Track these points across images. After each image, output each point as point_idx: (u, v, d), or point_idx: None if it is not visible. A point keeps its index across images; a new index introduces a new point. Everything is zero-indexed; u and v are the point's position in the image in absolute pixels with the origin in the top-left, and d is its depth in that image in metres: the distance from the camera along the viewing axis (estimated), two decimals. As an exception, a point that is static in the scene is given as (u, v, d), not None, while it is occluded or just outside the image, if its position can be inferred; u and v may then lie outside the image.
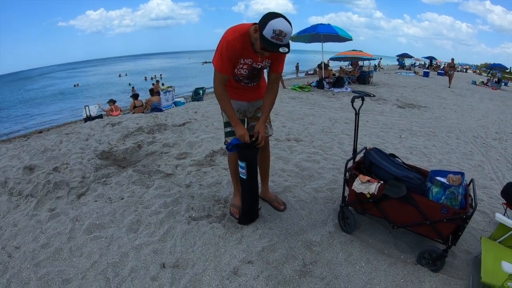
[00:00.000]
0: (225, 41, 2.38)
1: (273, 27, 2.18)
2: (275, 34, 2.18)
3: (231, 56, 2.42)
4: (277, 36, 2.19)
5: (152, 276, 2.34)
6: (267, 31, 2.19)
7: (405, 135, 6.59)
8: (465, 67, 47.56)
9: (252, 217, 2.96)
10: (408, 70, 31.29)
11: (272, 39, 2.20)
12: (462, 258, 2.61)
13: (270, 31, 2.18)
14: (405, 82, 18.99)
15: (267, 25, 2.19)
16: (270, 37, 2.20)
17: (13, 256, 2.59)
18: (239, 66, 2.53)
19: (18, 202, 3.43)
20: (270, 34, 2.19)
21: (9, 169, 4.14)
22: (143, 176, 3.95)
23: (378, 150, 2.87)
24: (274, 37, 2.19)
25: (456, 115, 9.57)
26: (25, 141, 6.39)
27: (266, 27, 2.19)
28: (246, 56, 2.48)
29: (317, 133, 6.15)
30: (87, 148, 4.98)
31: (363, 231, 2.88)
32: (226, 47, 2.38)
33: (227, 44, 2.37)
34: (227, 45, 2.37)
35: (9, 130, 17.52)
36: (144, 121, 6.71)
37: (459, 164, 5.03)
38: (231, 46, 2.38)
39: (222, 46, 2.39)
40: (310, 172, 4.10)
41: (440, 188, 2.33)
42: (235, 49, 2.39)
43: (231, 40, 2.37)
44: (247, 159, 2.66)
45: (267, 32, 2.19)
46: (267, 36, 2.20)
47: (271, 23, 2.18)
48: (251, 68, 2.57)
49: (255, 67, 2.57)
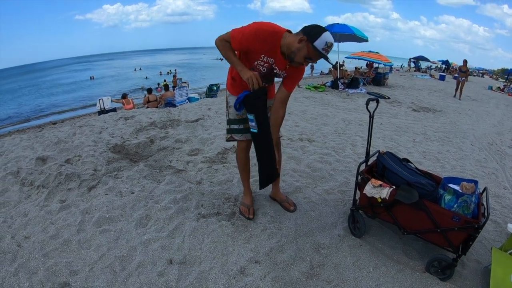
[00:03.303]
0: (258, 26, 2.37)
1: (325, 39, 2.28)
2: (326, 46, 2.29)
3: (252, 42, 2.38)
4: (328, 48, 2.31)
5: (159, 271, 2.35)
6: (319, 42, 2.27)
7: (419, 139, 6.51)
8: (481, 71, 46.83)
9: (271, 177, 2.85)
10: (424, 73, 30.92)
11: (323, 50, 2.29)
12: (471, 268, 2.56)
13: (323, 43, 2.27)
14: (421, 85, 18.78)
15: (321, 37, 2.27)
16: (321, 48, 2.28)
17: (22, 245, 2.63)
18: (258, 62, 2.51)
19: (30, 192, 3.47)
20: (322, 45, 2.28)
21: (22, 159, 4.20)
22: (154, 171, 3.96)
23: (391, 154, 2.84)
24: (325, 48, 2.29)
25: (471, 120, 9.43)
26: (39, 132, 6.45)
27: (319, 38, 2.27)
28: (270, 55, 2.47)
29: (330, 134, 6.11)
30: (100, 141, 5.01)
31: (373, 235, 2.85)
32: (255, 31, 2.36)
33: (258, 29, 2.36)
34: (256, 30, 2.36)
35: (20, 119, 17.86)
36: (157, 116, 6.74)
37: (473, 171, 4.95)
38: (260, 34, 2.36)
39: (252, 28, 2.37)
40: (321, 173, 4.07)
41: (453, 196, 2.29)
42: (258, 39, 2.36)
43: (264, 30, 2.36)
44: (256, 110, 2.54)
45: (320, 43, 2.27)
46: (319, 47, 2.28)
47: (324, 36, 2.28)
48: (270, 68, 2.55)
49: (274, 68, 2.55)
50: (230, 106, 2.81)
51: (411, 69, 34.82)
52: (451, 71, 31.50)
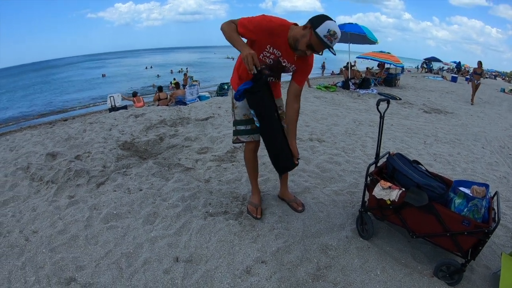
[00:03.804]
0: (266, 17, 2.39)
1: (328, 26, 2.21)
2: (328, 34, 2.22)
3: (258, 30, 2.37)
4: (330, 36, 2.23)
5: (165, 269, 2.35)
6: (321, 29, 2.22)
7: (430, 141, 6.44)
8: (493, 73, 46.19)
9: (287, 169, 2.76)
10: (436, 74, 30.62)
11: (325, 37, 2.23)
12: (480, 273, 2.50)
13: (325, 29, 2.21)
14: (433, 86, 18.60)
15: (323, 24, 2.22)
16: (323, 35, 2.22)
17: (30, 240, 2.65)
18: (264, 54, 2.49)
19: (39, 187, 3.51)
20: (324, 32, 2.21)
21: (32, 155, 4.24)
22: (163, 168, 3.97)
23: (401, 155, 2.80)
24: (327, 36, 2.22)
25: (483, 123, 9.30)
26: (50, 128, 6.53)
27: (321, 25, 2.22)
28: (276, 47, 2.45)
29: (340, 134, 6.07)
30: (110, 138, 5.05)
31: (381, 238, 2.81)
32: (263, 21, 2.36)
33: (266, 20, 2.37)
34: (264, 20, 2.37)
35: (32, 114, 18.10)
36: (167, 114, 6.77)
37: (484, 174, 4.87)
38: (267, 24, 2.36)
39: (260, 17, 2.39)
40: (331, 174, 4.04)
41: (463, 200, 2.25)
42: (264, 29, 2.36)
43: (270, 21, 2.37)
44: (255, 105, 2.47)
45: (322, 30, 2.22)
46: (320, 34, 2.22)
47: (327, 23, 2.23)
48: (276, 60, 2.52)
49: (280, 61, 2.52)
50: (236, 106, 2.80)
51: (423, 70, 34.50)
52: (463, 73, 31.13)
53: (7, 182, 3.59)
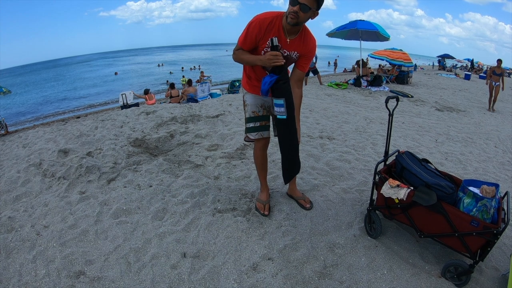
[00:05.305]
0: (255, 19, 2.43)
1: None
2: None
3: (256, 34, 2.42)
4: None
5: (172, 264, 2.38)
6: None
7: (442, 139, 6.36)
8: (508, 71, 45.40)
9: (295, 170, 2.80)
10: (449, 71, 30.21)
11: None
12: (489, 274, 2.47)
13: None
14: (445, 84, 18.35)
15: None
16: None
17: (41, 234, 2.71)
18: (266, 49, 2.48)
19: (51, 183, 3.57)
20: None
21: (45, 152, 4.31)
22: (173, 165, 4.00)
23: (410, 154, 2.77)
24: None
25: (496, 121, 9.16)
26: (62, 125, 6.61)
27: None
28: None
29: (350, 132, 6.03)
30: (121, 135, 5.10)
31: (389, 237, 2.79)
32: (254, 24, 2.41)
33: (256, 20, 2.41)
34: (254, 22, 2.41)
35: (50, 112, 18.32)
36: (178, 111, 6.81)
37: (495, 174, 4.80)
38: (259, 23, 2.40)
39: (251, 23, 2.43)
40: (340, 172, 4.02)
41: (472, 199, 2.22)
42: (261, 27, 2.40)
43: (262, 19, 2.41)
44: (286, 93, 2.48)
45: None
46: None
47: None
48: None
49: (282, 52, 2.50)
50: (247, 104, 2.82)
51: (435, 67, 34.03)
52: (476, 70, 30.62)
53: (20, 178, 3.66)
